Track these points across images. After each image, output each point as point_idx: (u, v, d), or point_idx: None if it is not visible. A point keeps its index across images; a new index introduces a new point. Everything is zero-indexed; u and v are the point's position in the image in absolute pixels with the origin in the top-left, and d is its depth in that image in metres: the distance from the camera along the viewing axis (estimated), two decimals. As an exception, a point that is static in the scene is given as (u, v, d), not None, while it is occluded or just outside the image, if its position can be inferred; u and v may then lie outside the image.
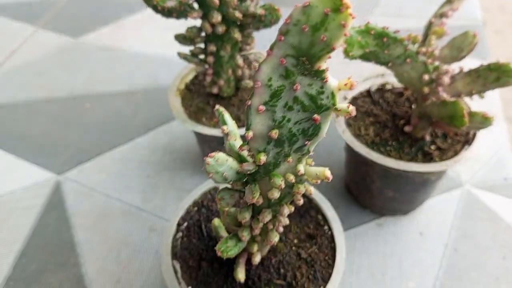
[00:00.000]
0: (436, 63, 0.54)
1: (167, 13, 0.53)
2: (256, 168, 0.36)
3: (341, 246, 0.49)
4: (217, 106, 0.40)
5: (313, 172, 0.37)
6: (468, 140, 0.60)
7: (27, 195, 0.76)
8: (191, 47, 0.61)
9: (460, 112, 0.51)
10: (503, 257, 0.65)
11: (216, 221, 0.49)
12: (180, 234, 0.52)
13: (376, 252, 0.66)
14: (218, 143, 0.65)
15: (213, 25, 0.55)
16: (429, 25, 0.60)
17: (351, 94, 0.67)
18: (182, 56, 0.61)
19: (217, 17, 0.54)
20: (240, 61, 0.61)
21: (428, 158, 0.59)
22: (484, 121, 0.52)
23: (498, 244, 0.66)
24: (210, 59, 0.60)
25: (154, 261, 0.67)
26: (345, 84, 0.31)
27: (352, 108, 0.31)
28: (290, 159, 0.36)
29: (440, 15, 0.60)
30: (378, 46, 0.50)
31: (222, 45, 0.59)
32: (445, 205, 0.72)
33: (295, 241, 0.51)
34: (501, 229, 0.68)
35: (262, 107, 0.32)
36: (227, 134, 0.38)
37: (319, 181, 0.37)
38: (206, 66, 0.63)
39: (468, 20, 1.13)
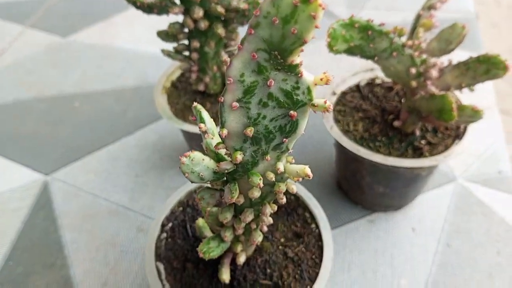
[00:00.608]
0: (424, 56, 0.53)
1: (148, 9, 0.52)
2: (234, 167, 0.35)
3: (328, 245, 0.48)
4: (194, 104, 0.39)
5: (294, 170, 0.36)
6: (458, 135, 0.59)
7: (14, 196, 0.75)
8: (175, 44, 0.59)
9: (449, 106, 0.50)
10: (497, 252, 0.64)
11: (200, 221, 0.48)
12: (164, 234, 0.51)
13: (367, 249, 0.65)
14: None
15: (195, 21, 0.54)
16: (418, 18, 0.59)
17: (340, 88, 0.66)
18: (166, 53, 0.60)
19: (198, 12, 0.53)
20: (225, 57, 0.60)
21: (418, 153, 0.58)
22: (473, 114, 0.51)
23: (492, 239, 0.65)
24: (195, 55, 0.59)
25: (142, 262, 0.66)
26: (321, 79, 0.30)
27: (329, 104, 0.30)
28: (268, 157, 0.34)
29: (429, 7, 0.58)
30: (363, 39, 0.49)
31: (206, 41, 0.58)
32: (438, 200, 0.70)
33: (282, 240, 0.50)
34: (495, 224, 0.67)
35: (236, 104, 0.31)
36: (204, 132, 0.37)
37: (300, 179, 0.36)
38: (191, 63, 0.61)
39: (460, 13, 1.12)
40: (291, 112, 0.31)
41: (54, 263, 0.66)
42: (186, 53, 0.61)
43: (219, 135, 0.32)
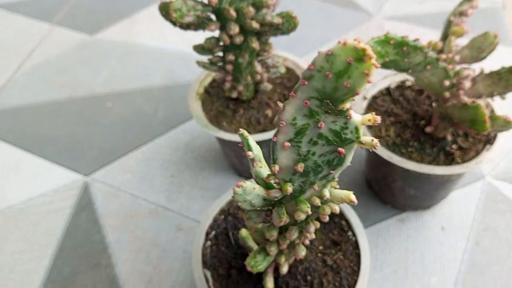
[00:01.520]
0: (457, 67, 0.54)
1: (185, 26, 0.54)
2: (282, 196, 0.37)
3: (366, 253, 0.51)
4: (241, 131, 0.41)
5: (339, 195, 0.38)
6: (490, 139, 0.60)
7: (57, 197, 0.79)
8: (210, 56, 0.61)
9: (482, 118, 0.51)
10: (525, 251, 0.66)
11: (244, 232, 0.51)
12: (209, 242, 0.54)
13: (398, 248, 0.67)
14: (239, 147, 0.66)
15: (231, 36, 0.56)
16: (448, 24, 0.60)
17: (371, 93, 0.67)
18: (201, 64, 0.62)
19: (234, 29, 0.54)
20: (258, 67, 0.61)
21: (450, 158, 0.60)
22: (505, 124, 0.52)
23: (519, 237, 0.67)
24: (229, 67, 0.61)
25: (183, 260, 0.69)
26: (369, 120, 0.31)
27: (376, 142, 0.32)
28: (316, 186, 0.37)
29: (460, 13, 0.59)
30: (398, 54, 0.50)
31: (240, 53, 0.59)
32: (467, 198, 0.72)
33: (320, 247, 0.53)
34: (523, 222, 0.69)
35: (288, 144, 0.33)
36: (252, 160, 0.39)
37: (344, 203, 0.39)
38: (226, 73, 0.63)
39: (487, 2, 1.10)
40: (340, 149, 0.33)
41: (99, 262, 0.70)
42: (220, 63, 0.62)
43: (271, 170, 0.35)
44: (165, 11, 0.56)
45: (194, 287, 0.66)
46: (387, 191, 0.69)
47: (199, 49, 0.60)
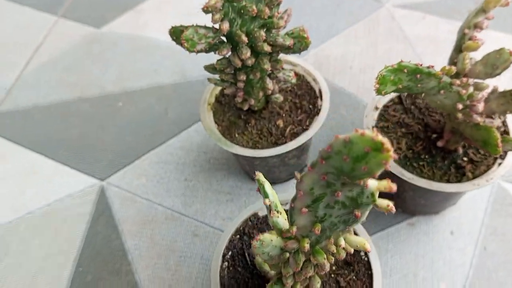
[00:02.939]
0: (471, 90, 0.54)
1: (197, 52, 0.54)
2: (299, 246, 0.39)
3: (378, 275, 0.53)
4: (257, 175, 0.42)
5: (354, 242, 0.39)
6: (501, 154, 0.61)
7: (75, 202, 0.81)
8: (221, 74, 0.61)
9: (494, 141, 0.52)
10: (532, 255, 0.67)
11: (259, 258, 0.53)
12: (226, 264, 0.56)
13: (408, 253, 0.70)
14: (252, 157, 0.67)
15: (242, 60, 0.56)
16: (462, 36, 0.59)
17: (382, 102, 0.67)
18: (212, 82, 0.62)
19: (246, 53, 0.54)
20: (270, 84, 0.61)
21: (461, 172, 0.61)
22: (518, 146, 0.53)
23: (527, 242, 0.69)
24: (240, 84, 0.61)
25: (200, 266, 0.72)
26: (385, 188, 0.32)
27: (391, 206, 0.33)
28: (332, 239, 0.38)
29: (474, 25, 0.58)
30: (412, 81, 0.50)
31: (251, 71, 0.59)
32: (476, 201, 0.73)
33: (334, 268, 0.55)
34: (531, 226, 0.70)
35: (305, 210, 0.34)
36: (269, 208, 0.40)
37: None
38: (236, 88, 0.63)
39: None
40: (356, 212, 0.34)
41: (120, 269, 0.73)
42: (231, 80, 0.62)
43: (289, 232, 0.36)
44: (175, 36, 0.56)
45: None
46: (397, 198, 0.70)
47: (210, 69, 0.60)
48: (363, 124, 0.65)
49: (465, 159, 0.62)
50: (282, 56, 0.65)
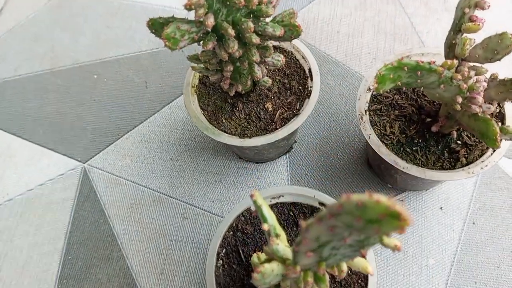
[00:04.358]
0: (471, 81, 0.51)
1: (180, 49, 0.49)
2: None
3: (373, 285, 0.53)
4: (253, 195, 0.40)
5: (356, 265, 0.39)
6: (496, 138, 0.60)
7: (56, 187, 0.78)
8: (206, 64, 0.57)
9: (493, 135, 0.50)
10: (518, 229, 0.69)
11: (255, 258, 0.52)
12: (220, 262, 0.56)
13: (398, 230, 0.70)
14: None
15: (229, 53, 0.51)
16: (461, 15, 0.55)
17: (375, 82, 0.64)
18: (196, 70, 0.58)
19: (233, 46, 0.50)
20: (259, 73, 0.58)
21: (454, 157, 0.60)
22: (516, 137, 0.51)
23: (514, 215, 0.70)
24: (227, 74, 0.57)
25: (191, 250, 0.72)
26: (395, 246, 0.31)
27: (399, 245, 0.32)
28: (335, 269, 0.37)
29: (475, 4, 0.54)
30: (412, 78, 0.47)
31: (239, 61, 0.55)
32: (465, 175, 0.73)
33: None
34: (518, 199, 0.71)
35: (310, 254, 0.33)
36: (269, 234, 0.39)
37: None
38: (222, 75, 0.59)
39: None
40: (362, 251, 0.33)
41: (111, 255, 0.72)
42: (218, 68, 0.58)
43: (294, 272, 0.35)
44: (154, 29, 0.51)
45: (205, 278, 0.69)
46: (388, 178, 0.70)
47: (194, 59, 0.55)
48: (356, 108, 0.63)
49: (459, 142, 0.60)
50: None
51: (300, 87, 0.66)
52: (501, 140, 0.52)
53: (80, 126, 0.84)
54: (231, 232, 0.57)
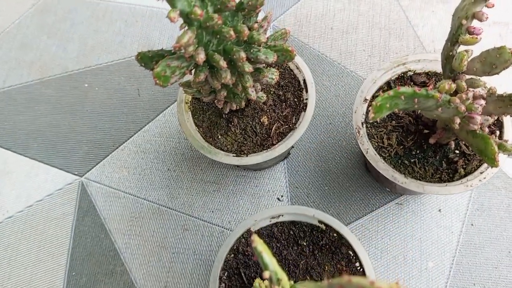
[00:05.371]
0: (469, 101, 0.50)
1: (171, 84, 0.48)
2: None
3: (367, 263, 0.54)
4: (253, 241, 0.40)
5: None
6: (493, 148, 0.59)
7: (55, 202, 0.78)
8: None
9: (491, 154, 0.50)
10: (516, 229, 0.70)
11: (257, 283, 0.53)
12: (223, 285, 0.56)
13: (397, 234, 0.71)
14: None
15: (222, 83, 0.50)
16: (459, 27, 0.54)
17: (371, 92, 0.63)
18: (189, 93, 0.57)
19: (226, 76, 0.49)
20: (253, 94, 0.56)
21: (453, 168, 0.59)
22: (513, 154, 0.51)
23: (512, 215, 0.71)
24: (221, 97, 0.56)
25: (194, 262, 0.72)
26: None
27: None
28: None
29: (473, 16, 0.53)
30: (408, 104, 0.47)
31: (233, 87, 0.54)
32: (463, 175, 0.73)
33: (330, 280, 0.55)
34: (516, 198, 0.72)
35: None
36: (270, 281, 0.39)
37: None
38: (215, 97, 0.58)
39: None
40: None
41: (114, 270, 0.73)
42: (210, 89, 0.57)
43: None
44: (144, 62, 0.49)
45: (209, 292, 0.70)
46: (387, 183, 0.70)
47: (186, 86, 0.54)
48: (352, 122, 0.62)
49: (457, 152, 0.60)
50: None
51: (296, 99, 0.65)
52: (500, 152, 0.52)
53: (74, 138, 0.83)
54: (232, 255, 0.58)
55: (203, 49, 0.45)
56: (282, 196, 0.75)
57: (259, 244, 0.40)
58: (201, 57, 0.44)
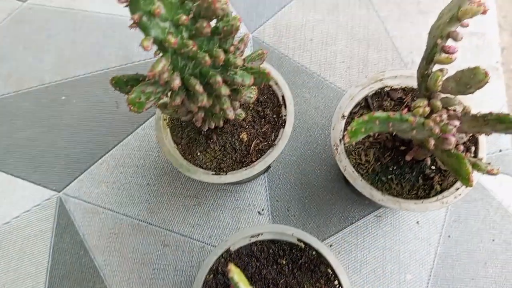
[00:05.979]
0: (443, 123, 0.51)
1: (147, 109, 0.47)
2: None
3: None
4: (230, 271, 0.40)
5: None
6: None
7: (33, 218, 0.77)
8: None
9: (466, 174, 0.50)
10: (492, 240, 0.71)
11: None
12: (203, 306, 0.56)
13: (376, 247, 0.72)
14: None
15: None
16: (434, 46, 0.54)
17: (349, 109, 0.64)
18: (166, 113, 0.56)
19: (203, 100, 0.48)
20: (231, 114, 0.56)
21: (429, 184, 0.60)
22: (487, 173, 0.52)
23: (488, 226, 0.72)
24: (199, 117, 0.55)
25: (174, 278, 0.72)
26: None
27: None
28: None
29: (447, 35, 0.53)
30: (383, 127, 0.47)
31: (210, 107, 0.54)
32: (440, 187, 0.75)
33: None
34: (492, 209, 0.73)
35: None
36: (247, 310, 0.39)
37: None
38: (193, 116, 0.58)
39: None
40: None
41: (94, 287, 0.72)
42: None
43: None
44: (118, 86, 0.49)
45: (190, 308, 0.70)
46: (366, 199, 0.70)
47: (163, 108, 0.54)
48: (330, 137, 0.62)
49: (433, 167, 0.61)
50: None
51: (275, 115, 0.65)
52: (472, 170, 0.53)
53: (52, 152, 0.82)
54: (212, 275, 0.58)
55: (179, 74, 0.45)
56: (263, 210, 0.75)
57: (235, 274, 0.40)
58: (177, 83, 0.44)
